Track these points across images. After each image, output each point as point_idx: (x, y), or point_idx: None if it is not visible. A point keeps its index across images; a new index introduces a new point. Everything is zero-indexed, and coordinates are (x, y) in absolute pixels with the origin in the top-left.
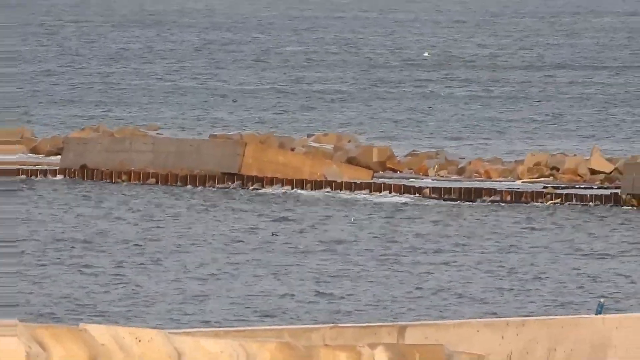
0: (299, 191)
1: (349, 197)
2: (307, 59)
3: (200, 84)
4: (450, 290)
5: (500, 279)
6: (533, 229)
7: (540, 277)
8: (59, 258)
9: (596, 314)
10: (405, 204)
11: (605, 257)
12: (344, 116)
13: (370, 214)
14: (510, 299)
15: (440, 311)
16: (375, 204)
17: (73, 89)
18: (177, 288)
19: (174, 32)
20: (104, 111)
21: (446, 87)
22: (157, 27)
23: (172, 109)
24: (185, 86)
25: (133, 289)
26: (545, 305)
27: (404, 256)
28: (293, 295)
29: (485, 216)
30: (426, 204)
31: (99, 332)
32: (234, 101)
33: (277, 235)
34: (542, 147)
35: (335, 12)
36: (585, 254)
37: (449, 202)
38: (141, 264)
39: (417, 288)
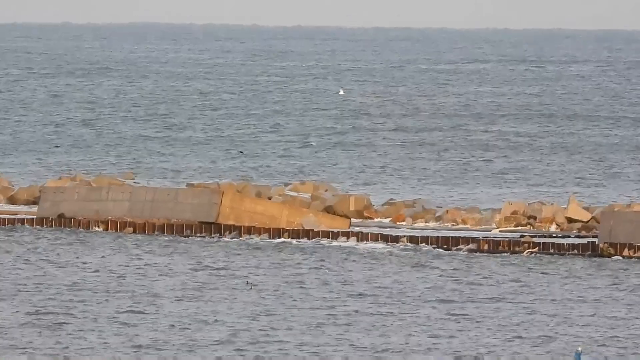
0: (277, 240)
1: (326, 245)
2: (286, 108)
3: (176, 132)
4: (430, 336)
5: (479, 326)
6: (510, 277)
7: (519, 324)
8: (40, 304)
9: None
10: (382, 252)
11: (584, 304)
12: (321, 165)
13: (348, 263)
14: (488, 346)
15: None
16: (352, 252)
17: (50, 138)
18: (157, 339)
19: (148, 80)
20: (81, 160)
21: (423, 134)
22: (131, 75)
23: (151, 157)
24: (161, 135)
25: (126, 336)
26: (525, 352)
27: (384, 304)
28: (279, 341)
29: (463, 265)
30: (403, 252)
31: None
32: (242, 152)
33: (252, 284)
34: (520, 195)
35: (311, 61)
36: (563, 302)
37: (427, 251)
38: (129, 310)
39: (397, 335)
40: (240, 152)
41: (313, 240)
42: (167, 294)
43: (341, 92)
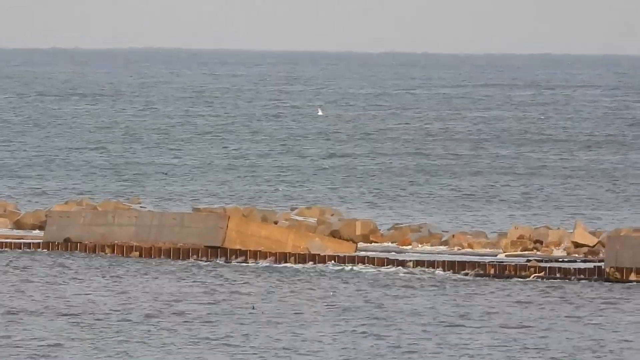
0: (283, 264)
1: (333, 269)
2: (290, 134)
3: (186, 156)
4: None
5: (492, 352)
6: (517, 302)
7: (531, 349)
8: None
9: None
10: (389, 276)
11: (590, 328)
12: (331, 189)
13: (355, 287)
14: None
15: None
16: (359, 276)
17: (56, 162)
18: None
19: (158, 104)
20: (89, 183)
21: (433, 158)
22: (140, 98)
23: (156, 182)
24: (168, 159)
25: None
26: None
27: (396, 329)
28: None
29: (470, 289)
30: (409, 277)
31: None
32: (165, 174)
33: (257, 309)
34: (526, 220)
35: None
36: (577, 326)
37: (433, 275)
38: (140, 335)
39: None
40: (165, 173)
41: (319, 264)
42: (176, 318)
43: (320, 112)
